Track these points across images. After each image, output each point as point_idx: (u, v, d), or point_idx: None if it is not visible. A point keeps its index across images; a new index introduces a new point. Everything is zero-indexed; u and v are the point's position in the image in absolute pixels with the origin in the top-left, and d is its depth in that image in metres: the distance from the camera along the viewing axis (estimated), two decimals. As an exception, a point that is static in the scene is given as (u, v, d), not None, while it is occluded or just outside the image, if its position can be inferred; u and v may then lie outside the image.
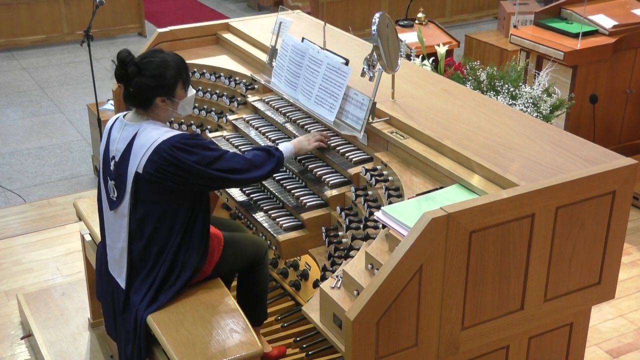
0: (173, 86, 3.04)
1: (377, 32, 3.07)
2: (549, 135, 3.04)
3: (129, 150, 3.00)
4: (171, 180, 2.95)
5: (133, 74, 2.98)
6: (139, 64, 2.99)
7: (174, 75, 3.03)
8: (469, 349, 2.69)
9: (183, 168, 2.93)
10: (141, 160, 2.95)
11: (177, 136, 2.98)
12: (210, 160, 2.98)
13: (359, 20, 9.29)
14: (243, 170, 3.06)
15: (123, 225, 3.07)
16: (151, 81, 2.99)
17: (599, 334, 4.14)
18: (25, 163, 6.49)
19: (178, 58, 3.09)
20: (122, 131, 3.05)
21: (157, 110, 3.06)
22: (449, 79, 4.16)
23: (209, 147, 3.01)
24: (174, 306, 3.07)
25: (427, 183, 2.94)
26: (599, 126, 5.70)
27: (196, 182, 2.99)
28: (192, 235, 3.07)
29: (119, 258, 3.12)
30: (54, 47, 9.29)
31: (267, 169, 3.14)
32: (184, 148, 2.94)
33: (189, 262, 3.07)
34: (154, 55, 3.04)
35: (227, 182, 3.07)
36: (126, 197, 3.02)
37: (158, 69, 3.00)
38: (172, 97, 3.05)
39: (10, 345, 4.09)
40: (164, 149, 2.93)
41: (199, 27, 4.65)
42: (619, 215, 2.79)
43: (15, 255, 4.90)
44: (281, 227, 3.23)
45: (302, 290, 3.58)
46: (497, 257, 2.58)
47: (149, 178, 2.96)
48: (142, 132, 3.00)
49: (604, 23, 5.68)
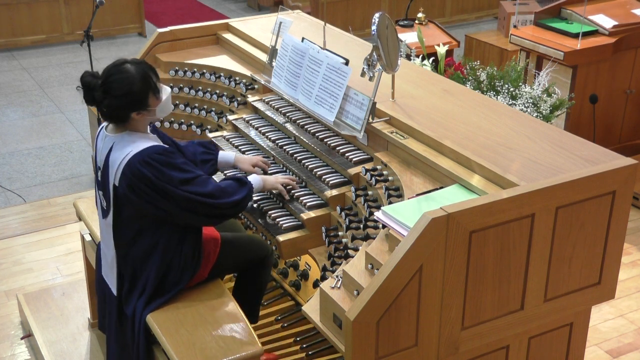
0: (144, 99, 2.94)
1: (377, 32, 3.07)
2: (549, 135, 3.04)
3: (107, 163, 2.98)
4: (142, 198, 2.91)
5: (101, 98, 2.92)
6: (105, 87, 2.91)
7: (141, 88, 2.93)
8: (469, 349, 2.69)
9: (151, 186, 2.89)
10: (116, 174, 2.93)
11: (149, 150, 2.91)
12: (180, 181, 2.92)
13: (359, 20, 9.28)
14: (214, 195, 2.99)
15: (111, 234, 3.07)
16: (121, 100, 2.91)
17: (599, 334, 4.14)
18: (25, 163, 6.49)
19: (142, 67, 2.97)
20: (104, 142, 3.04)
21: (135, 122, 2.99)
22: (449, 79, 4.16)
23: (181, 167, 2.94)
24: (174, 306, 3.07)
25: (427, 183, 2.94)
26: (599, 126, 5.70)
27: (164, 205, 2.92)
28: (184, 245, 3.05)
29: (110, 265, 3.14)
30: (54, 47, 9.28)
31: (238, 197, 3.08)
32: (153, 165, 2.89)
33: (183, 273, 3.06)
34: (117, 72, 2.93)
35: (197, 206, 2.96)
36: (111, 208, 3.02)
37: (125, 87, 2.90)
38: (146, 108, 2.97)
39: (10, 345, 4.09)
40: (134, 164, 2.89)
41: (199, 27, 4.65)
42: (619, 215, 2.79)
43: (15, 255, 4.90)
44: (281, 227, 3.22)
45: (302, 290, 3.58)
46: (497, 257, 2.58)
47: (124, 192, 2.93)
48: (117, 145, 2.97)
49: (604, 23, 5.68)
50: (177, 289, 3.07)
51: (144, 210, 2.96)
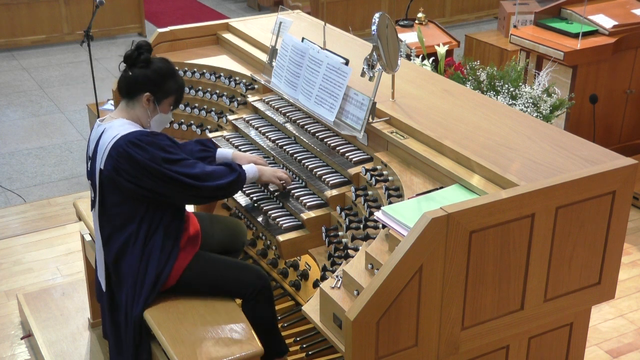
0: (166, 94, 3.12)
1: (377, 32, 3.07)
2: (549, 135, 3.04)
3: (96, 149, 3.03)
4: (125, 178, 2.93)
5: (142, 61, 3.07)
6: (152, 58, 3.10)
7: (173, 87, 3.14)
8: (469, 349, 2.69)
9: (135, 165, 2.91)
10: (103, 157, 2.98)
11: (135, 132, 2.98)
12: (164, 159, 2.94)
13: (359, 20, 9.29)
14: (200, 177, 2.99)
15: (97, 224, 3.11)
16: (152, 76, 3.07)
17: (599, 334, 4.14)
18: (25, 163, 6.49)
19: (182, 81, 3.21)
20: (95, 131, 3.09)
21: (138, 106, 3.08)
22: (449, 79, 4.16)
23: (167, 149, 2.97)
24: (174, 306, 3.07)
25: (427, 183, 2.94)
26: (599, 126, 5.70)
27: (147, 184, 2.93)
28: (155, 243, 3.03)
29: (99, 258, 3.16)
30: (54, 47, 9.29)
31: (224, 181, 3.07)
32: (138, 144, 2.93)
33: (158, 269, 3.04)
34: (167, 63, 3.16)
35: (181, 186, 2.96)
36: (97, 196, 3.05)
37: (164, 72, 3.11)
38: (159, 99, 3.10)
39: (10, 345, 4.09)
40: (121, 144, 2.93)
41: (199, 27, 4.65)
42: (619, 215, 2.79)
43: (15, 255, 4.90)
44: (281, 227, 3.22)
45: (302, 290, 3.58)
46: (497, 257, 2.58)
47: (108, 175, 2.96)
48: (107, 131, 3.02)
49: (604, 23, 5.68)
50: (148, 291, 3.04)
51: (127, 192, 2.97)
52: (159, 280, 3.04)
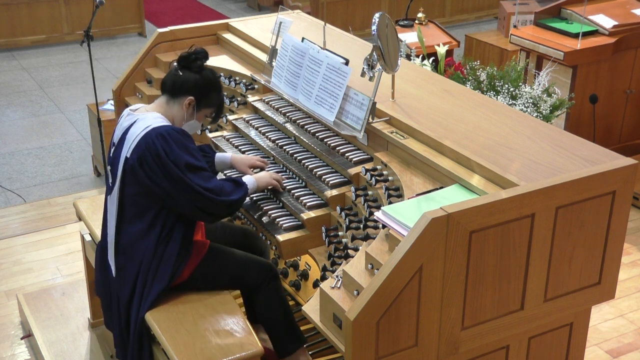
0: (207, 104, 3.20)
1: (377, 32, 3.07)
2: (549, 135, 3.04)
3: (125, 137, 3.05)
4: (146, 173, 2.96)
5: (196, 66, 3.15)
6: (204, 67, 3.18)
7: (215, 100, 3.23)
8: (469, 349, 2.69)
9: (157, 160, 2.94)
10: (131, 146, 3.00)
11: (167, 126, 3.01)
12: (187, 164, 2.97)
13: (359, 20, 9.29)
14: (214, 191, 3.01)
15: (113, 211, 3.11)
16: (201, 83, 3.14)
17: (599, 334, 4.14)
18: (25, 163, 6.49)
19: (224, 99, 3.35)
20: (126, 119, 3.12)
21: (177, 106, 3.14)
22: (449, 79, 4.16)
23: (192, 152, 3.01)
24: (173, 306, 3.07)
25: (427, 183, 2.94)
26: (599, 126, 5.70)
27: (165, 186, 2.95)
28: (172, 238, 3.05)
29: (110, 244, 3.16)
30: (54, 47, 9.29)
31: (235, 197, 3.09)
32: (167, 138, 2.96)
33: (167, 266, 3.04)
34: (217, 77, 3.25)
35: (196, 196, 2.98)
36: (117, 183, 3.07)
37: (212, 83, 3.20)
38: (200, 106, 3.17)
39: (10, 345, 4.09)
40: (151, 135, 2.96)
41: (199, 27, 4.65)
42: (619, 215, 2.79)
43: (15, 255, 4.90)
44: (281, 227, 3.22)
45: (302, 290, 3.58)
46: (497, 257, 2.58)
47: (132, 164, 2.98)
48: (140, 121, 3.05)
49: (604, 23, 5.68)
50: (162, 285, 3.05)
51: (146, 187, 3.00)
52: (169, 283, 3.06)
